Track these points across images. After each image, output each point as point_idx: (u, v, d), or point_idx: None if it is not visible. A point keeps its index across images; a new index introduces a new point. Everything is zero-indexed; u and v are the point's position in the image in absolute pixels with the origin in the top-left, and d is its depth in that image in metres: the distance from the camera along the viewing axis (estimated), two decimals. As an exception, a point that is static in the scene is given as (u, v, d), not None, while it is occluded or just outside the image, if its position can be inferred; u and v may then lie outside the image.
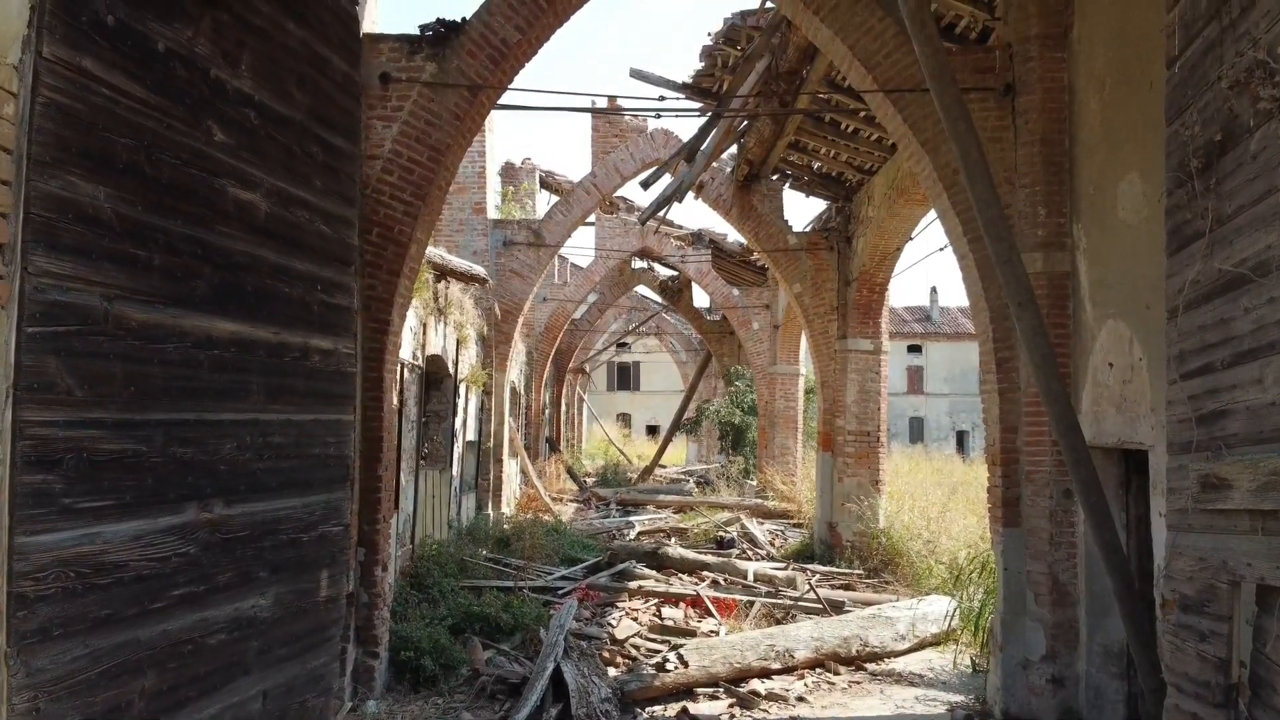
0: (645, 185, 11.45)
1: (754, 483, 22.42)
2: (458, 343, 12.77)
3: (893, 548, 14.09)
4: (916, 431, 54.45)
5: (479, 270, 12.14)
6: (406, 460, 10.47)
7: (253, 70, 4.04)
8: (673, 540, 15.86)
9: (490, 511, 14.82)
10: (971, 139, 5.97)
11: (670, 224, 22.83)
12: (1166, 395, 4.17)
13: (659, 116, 8.36)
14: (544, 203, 27.12)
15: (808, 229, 15.42)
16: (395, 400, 8.48)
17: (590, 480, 28.22)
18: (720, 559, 12.76)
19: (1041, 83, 7.65)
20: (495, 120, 15.56)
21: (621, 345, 52.98)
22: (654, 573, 11.84)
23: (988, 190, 5.92)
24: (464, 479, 13.69)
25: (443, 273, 11.49)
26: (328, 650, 5.60)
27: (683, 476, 30.53)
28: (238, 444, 3.49)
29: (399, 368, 9.85)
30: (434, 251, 11.49)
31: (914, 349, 55.91)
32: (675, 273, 29.26)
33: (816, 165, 14.74)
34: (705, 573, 12.05)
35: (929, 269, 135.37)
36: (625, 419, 55.89)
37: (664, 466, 33.17)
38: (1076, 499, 7.34)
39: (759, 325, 22.09)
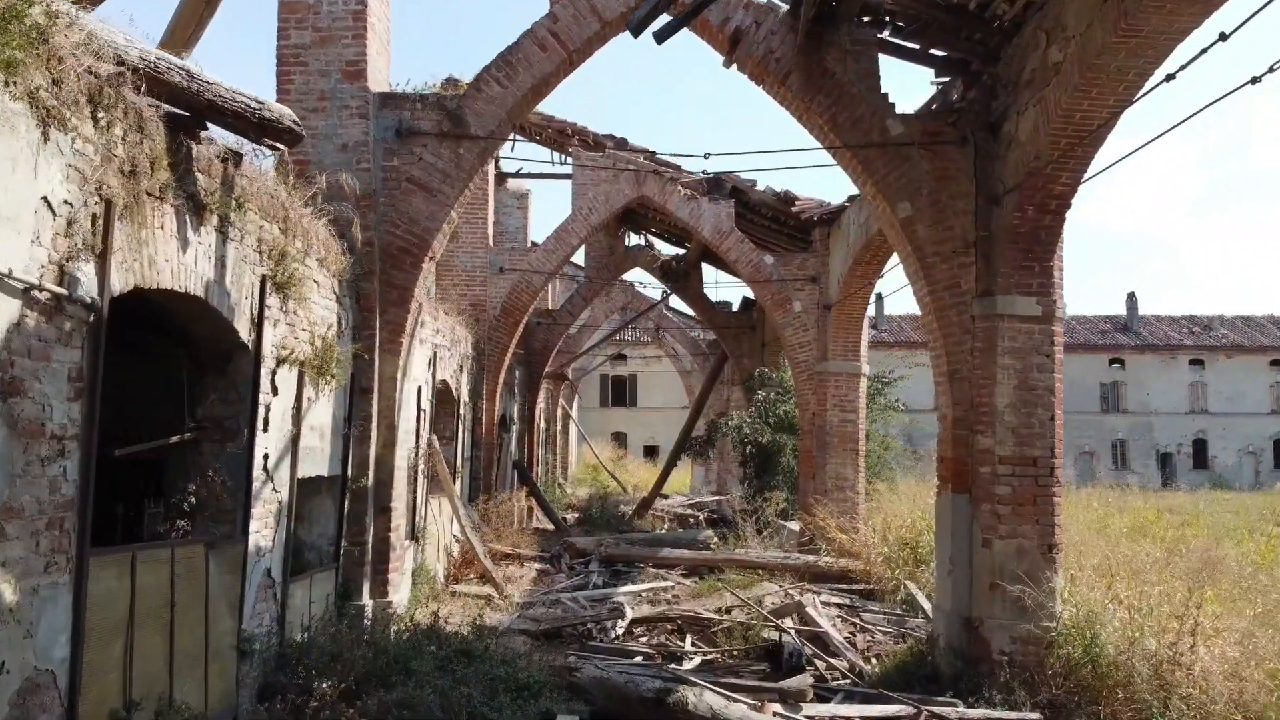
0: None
1: (795, 526, 15.99)
2: (266, 284, 6.39)
3: (1094, 670, 7.73)
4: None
5: (281, 113, 5.72)
6: (26, 538, 4.09)
7: None
8: (688, 644, 9.40)
9: (369, 600, 8.38)
10: None
11: (676, 168, 16.54)
12: None
13: None
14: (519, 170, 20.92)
15: (920, 114, 9.12)
16: None
17: (572, 517, 21.75)
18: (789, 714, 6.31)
19: None
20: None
21: (618, 358, 46.56)
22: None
23: None
24: (295, 550, 7.28)
25: (193, 107, 5.15)
26: None
27: (690, 511, 24.05)
28: None
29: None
30: (175, 61, 5.11)
31: (943, 359, 49.75)
32: (681, 250, 22.96)
33: (942, -9, 8.46)
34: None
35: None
36: (620, 439, 49.33)
37: (665, 496, 26.70)
38: None
39: (802, 306, 15.71)
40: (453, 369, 13.41)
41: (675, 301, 29.02)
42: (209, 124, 5.45)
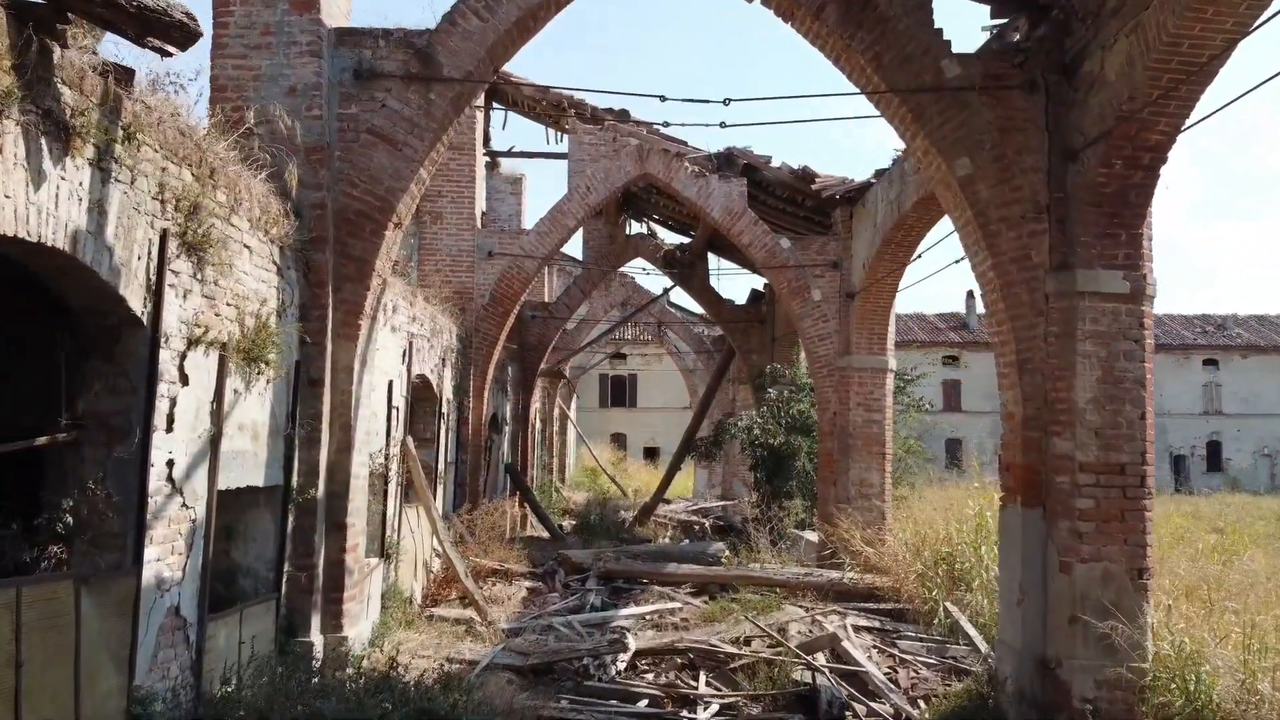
0: None
1: (813, 537, 14.57)
2: (168, 241, 4.98)
3: (1201, 723, 6.34)
4: (953, 455, 46.98)
5: (169, 2, 4.33)
6: None
7: None
8: (702, 684, 7.97)
9: (318, 636, 6.97)
10: None
11: (683, 143, 15.13)
12: None
13: None
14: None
15: (980, 53, 7.71)
16: None
17: (569, 524, 20.33)
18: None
19: None
20: None
21: (617, 357, 45.07)
22: None
23: None
24: (225, 578, 5.88)
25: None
26: None
27: (695, 518, 22.63)
28: None
29: None
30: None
31: (950, 360, 48.69)
32: (686, 239, 21.55)
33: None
34: None
35: (959, 273, 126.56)
36: (619, 440, 47.86)
37: (668, 501, 25.27)
38: None
39: (822, 294, 14.29)
40: (434, 362, 11.99)
41: (678, 298, 27.63)
42: (71, 15, 4.02)
